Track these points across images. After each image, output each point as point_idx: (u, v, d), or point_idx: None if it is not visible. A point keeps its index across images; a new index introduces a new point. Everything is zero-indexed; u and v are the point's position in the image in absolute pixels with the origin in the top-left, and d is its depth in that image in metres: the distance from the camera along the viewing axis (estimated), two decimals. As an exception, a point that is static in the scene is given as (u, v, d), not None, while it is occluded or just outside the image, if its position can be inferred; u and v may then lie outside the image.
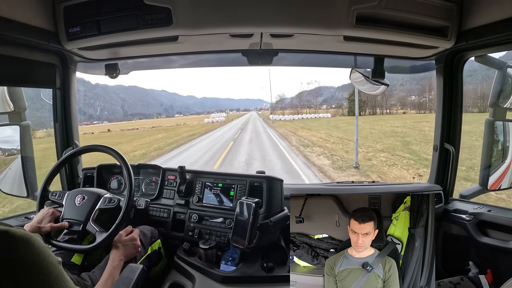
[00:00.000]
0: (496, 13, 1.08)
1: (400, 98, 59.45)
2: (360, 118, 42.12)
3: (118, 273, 1.06)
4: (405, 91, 62.10)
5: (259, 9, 1.07)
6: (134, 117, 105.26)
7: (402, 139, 16.95)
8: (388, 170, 10.29)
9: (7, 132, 1.53)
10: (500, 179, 1.56)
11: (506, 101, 1.49)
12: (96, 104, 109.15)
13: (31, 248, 0.62)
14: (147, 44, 1.26)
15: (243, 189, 1.42)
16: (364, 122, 30.45)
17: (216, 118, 63.27)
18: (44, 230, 1.12)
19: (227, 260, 1.27)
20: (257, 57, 1.50)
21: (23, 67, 1.27)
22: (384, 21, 1.13)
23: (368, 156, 12.82)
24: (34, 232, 1.08)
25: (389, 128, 23.32)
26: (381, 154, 13.09)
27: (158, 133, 33.86)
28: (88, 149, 1.37)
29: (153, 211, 1.54)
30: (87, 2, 1.13)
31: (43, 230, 1.12)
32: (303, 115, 59.25)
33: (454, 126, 1.55)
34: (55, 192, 1.28)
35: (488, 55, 1.41)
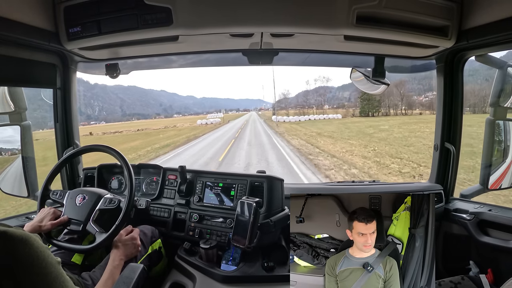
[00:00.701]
0: (497, 12, 1.08)
1: (413, 97, 53.03)
2: (376, 119, 36.77)
3: (118, 273, 1.06)
4: (417, 90, 56.75)
5: (259, 8, 1.07)
6: (132, 117, 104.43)
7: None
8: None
9: (8, 132, 1.53)
10: (500, 179, 1.56)
11: (506, 100, 1.49)
12: (94, 104, 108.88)
13: (30, 249, 0.62)
14: (148, 44, 1.26)
15: (243, 189, 1.42)
16: (388, 125, 25.76)
17: (211, 120, 54.96)
18: (45, 229, 1.12)
19: (228, 260, 1.27)
20: (257, 56, 1.50)
21: (24, 67, 1.27)
22: (385, 20, 1.14)
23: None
24: (34, 230, 1.09)
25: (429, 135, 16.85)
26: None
27: (135, 139, 26.56)
28: (88, 149, 1.37)
29: (153, 210, 1.55)
30: (87, 2, 1.13)
31: (43, 228, 1.12)
32: (309, 116, 51.92)
33: (455, 125, 1.55)
34: (56, 192, 1.28)
35: (489, 54, 1.41)
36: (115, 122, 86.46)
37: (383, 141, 16.63)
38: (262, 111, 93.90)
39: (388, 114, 46.13)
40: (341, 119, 46.12)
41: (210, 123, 51.09)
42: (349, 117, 47.96)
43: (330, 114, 53.31)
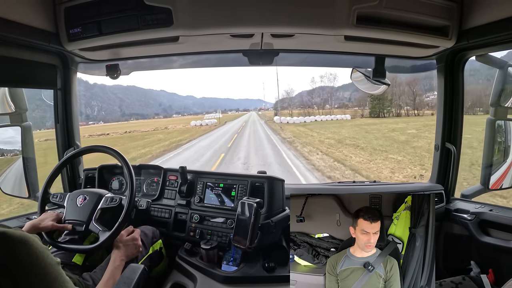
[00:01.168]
0: (497, 12, 1.08)
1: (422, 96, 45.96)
2: (391, 121, 31.30)
3: (119, 273, 1.06)
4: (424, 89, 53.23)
5: (259, 9, 1.07)
6: (131, 117, 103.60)
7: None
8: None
9: (9, 133, 1.53)
10: (501, 179, 1.55)
11: (507, 100, 1.49)
12: (93, 104, 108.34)
13: (29, 249, 0.62)
14: (148, 45, 1.26)
15: (244, 189, 1.42)
16: (414, 128, 21.15)
17: (206, 121, 49.91)
18: (44, 227, 1.11)
19: (229, 260, 1.27)
20: (258, 57, 1.50)
21: (24, 68, 1.27)
22: (385, 20, 1.14)
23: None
24: (35, 229, 1.08)
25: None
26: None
27: (113, 145, 20.37)
28: (89, 150, 1.37)
29: (154, 211, 1.55)
30: (87, 3, 1.13)
31: (42, 226, 1.11)
32: (315, 117, 46.33)
33: (456, 125, 1.55)
34: (56, 195, 1.27)
35: (489, 54, 1.41)
36: (113, 122, 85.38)
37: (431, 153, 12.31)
38: (262, 111, 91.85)
39: (400, 115, 41.78)
40: (351, 120, 41.47)
41: (205, 124, 46.38)
42: (358, 118, 43.10)
43: (337, 114, 48.54)
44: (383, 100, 42.05)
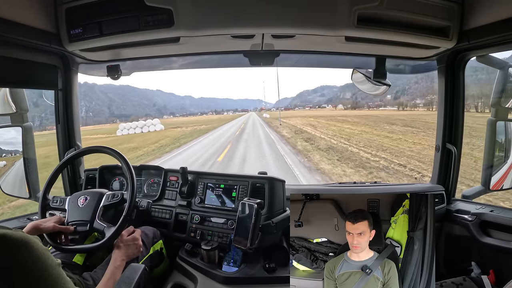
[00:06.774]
0: (497, 13, 1.08)
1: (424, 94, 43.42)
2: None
3: (120, 273, 1.06)
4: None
5: (260, 10, 1.07)
6: (117, 118, 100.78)
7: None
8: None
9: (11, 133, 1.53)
10: (502, 179, 1.55)
11: (508, 101, 1.49)
12: (80, 104, 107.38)
13: (29, 251, 0.62)
14: (149, 46, 1.26)
15: (245, 190, 1.42)
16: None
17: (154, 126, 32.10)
18: (45, 227, 1.10)
19: (229, 261, 1.27)
20: (258, 58, 1.50)
21: (25, 69, 1.27)
22: (386, 21, 1.13)
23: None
24: (36, 230, 1.08)
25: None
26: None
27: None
28: (90, 150, 1.37)
29: (155, 212, 1.55)
30: (88, 4, 1.13)
31: (43, 227, 1.10)
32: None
33: (456, 126, 1.54)
34: (56, 199, 1.26)
35: (490, 55, 1.41)
36: (96, 125, 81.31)
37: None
38: (262, 111, 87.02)
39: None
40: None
41: (154, 129, 28.80)
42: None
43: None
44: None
